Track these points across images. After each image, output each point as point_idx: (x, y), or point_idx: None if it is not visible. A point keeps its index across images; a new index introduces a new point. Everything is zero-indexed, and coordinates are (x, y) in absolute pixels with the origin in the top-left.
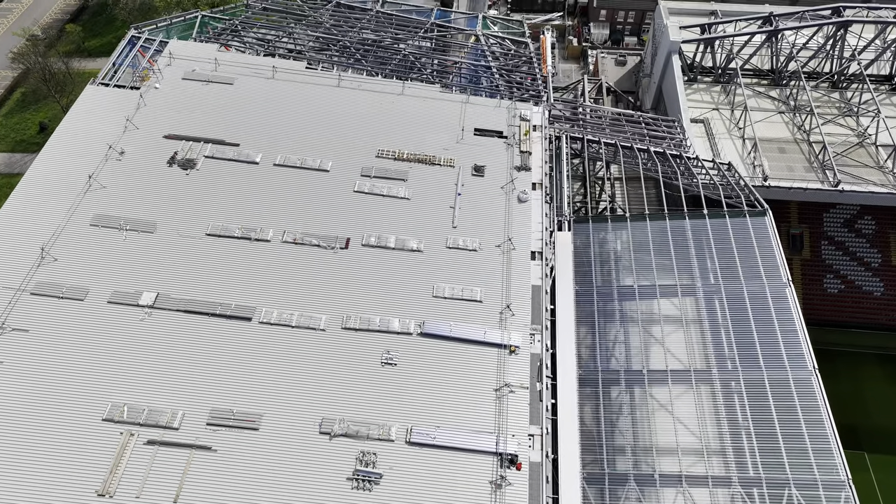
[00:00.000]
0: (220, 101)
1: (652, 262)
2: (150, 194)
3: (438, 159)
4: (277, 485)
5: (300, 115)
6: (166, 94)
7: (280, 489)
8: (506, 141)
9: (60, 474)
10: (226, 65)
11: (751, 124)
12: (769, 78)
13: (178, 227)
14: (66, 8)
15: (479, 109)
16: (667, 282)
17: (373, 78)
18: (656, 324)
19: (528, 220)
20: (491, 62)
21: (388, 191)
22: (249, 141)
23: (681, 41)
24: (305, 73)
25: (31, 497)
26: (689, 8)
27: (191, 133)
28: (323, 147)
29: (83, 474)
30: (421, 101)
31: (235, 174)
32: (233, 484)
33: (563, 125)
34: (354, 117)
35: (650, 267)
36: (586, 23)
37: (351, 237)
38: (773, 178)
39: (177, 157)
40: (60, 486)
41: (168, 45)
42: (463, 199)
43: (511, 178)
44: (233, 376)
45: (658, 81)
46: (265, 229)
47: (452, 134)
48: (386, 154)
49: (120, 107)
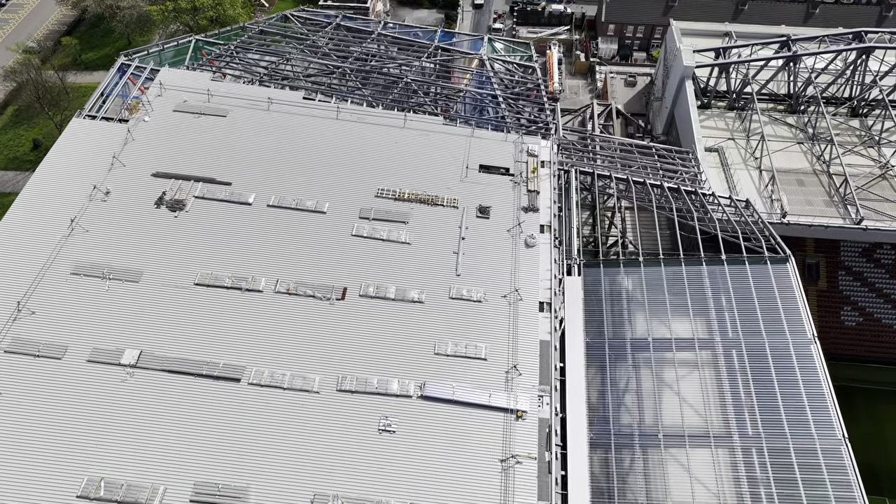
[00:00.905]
0: (213, 135)
1: (667, 311)
2: (136, 239)
3: (441, 199)
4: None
5: (296, 151)
6: (156, 128)
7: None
8: (512, 179)
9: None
10: (219, 96)
11: (768, 154)
12: (785, 103)
13: (165, 276)
14: (64, 19)
15: (485, 144)
16: (683, 334)
17: (373, 109)
18: (672, 382)
19: (535, 267)
20: (497, 89)
21: (389, 234)
22: (242, 179)
23: (695, 66)
24: (302, 105)
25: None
26: (702, 29)
27: (181, 170)
28: (320, 186)
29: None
30: (423, 134)
31: (227, 216)
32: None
33: (572, 157)
34: (353, 153)
35: (665, 317)
36: (594, 37)
37: (348, 287)
38: (793, 215)
39: (165, 197)
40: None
41: (159, 73)
42: (467, 244)
43: (518, 221)
44: (219, 445)
45: (670, 107)
46: (257, 278)
47: (456, 171)
48: (386, 194)
49: (107, 142)
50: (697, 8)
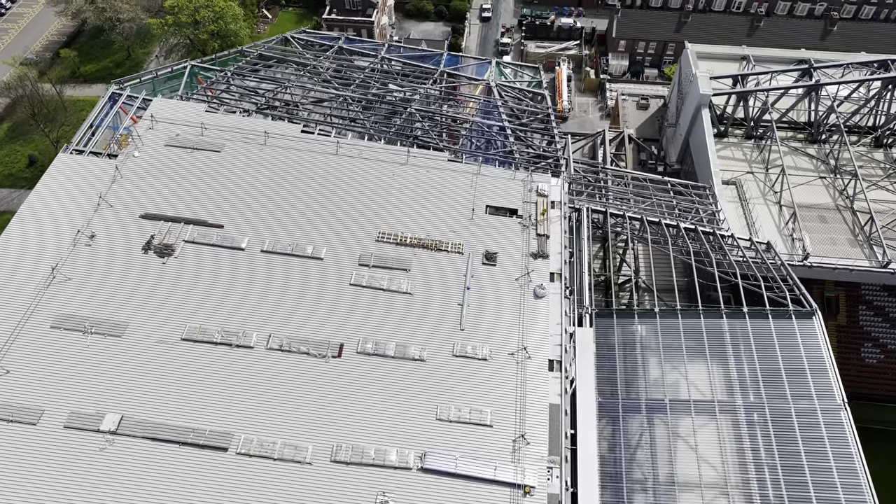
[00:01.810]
0: (206, 173)
1: (685, 369)
2: (121, 288)
3: (445, 244)
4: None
5: (293, 189)
6: (146, 164)
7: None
8: (521, 221)
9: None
10: (213, 129)
11: (788, 188)
12: (806, 132)
13: (151, 330)
14: (63, 29)
15: (492, 182)
16: (702, 395)
17: (374, 144)
18: (691, 449)
19: (545, 321)
20: (505, 119)
21: (389, 284)
22: (236, 221)
23: (711, 95)
24: (301, 139)
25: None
26: (718, 52)
27: (171, 211)
28: (317, 228)
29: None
30: (427, 171)
31: (218, 263)
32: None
33: (583, 190)
34: (354, 191)
35: (683, 375)
36: (604, 53)
37: (345, 343)
38: (815, 256)
39: (153, 241)
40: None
41: (151, 104)
42: (472, 295)
43: (527, 270)
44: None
45: (685, 134)
46: (248, 333)
47: (462, 212)
48: (387, 238)
49: (93, 180)
50: (711, 25)
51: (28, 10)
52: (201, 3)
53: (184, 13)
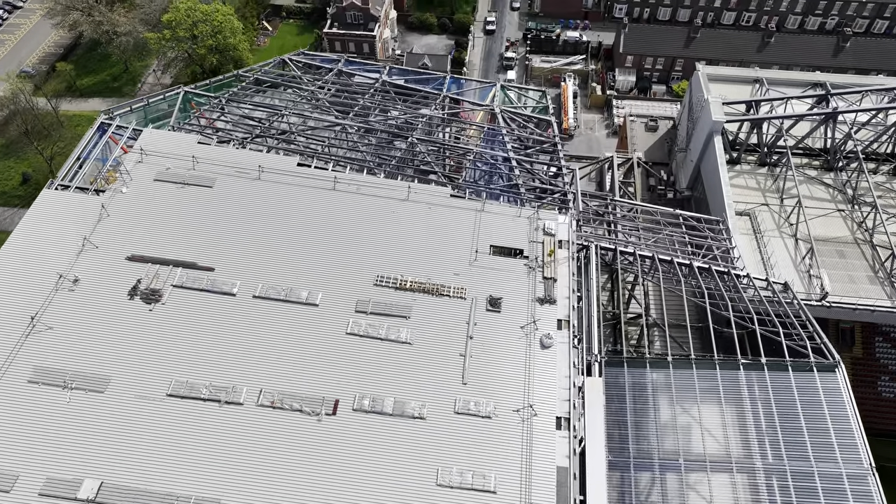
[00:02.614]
0: (197, 210)
1: (700, 425)
2: (105, 338)
3: (447, 289)
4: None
5: (288, 228)
6: (134, 201)
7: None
8: (527, 263)
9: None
10: (206, 162)
11: (804, 221)
12: (822, 159)
13: (135, 384)
14: (60, 41)
15: (496, 220)
16: (718, 454)
17: (374, 178)
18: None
19: (552, 373)
20: (510, 148)
21: (387, 332)
22: (227, 263)
23: (724, 122)
24: (297, 173)
25: None
26: (730, 75)
27: (159, 253)
28: (313, 271)
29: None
30: (428, 208)
31: (207, 310)
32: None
33: (591, 223)
34: (351, 230)
35: (698, 431)
36: (611, 68)
37: (340, 398)
38: (834, 295)
39: (140, 286)
40: None
41: (141, 135)
42: (476, 345)
43: (533, 318)
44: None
45: (696, 161)
46: (238, 388)
47: (464, 253)
48: (386, 282)
49: (79, 218)
50: (720, 40)
51: (25, 21)
52: (199, 18)
53: (182, 27)
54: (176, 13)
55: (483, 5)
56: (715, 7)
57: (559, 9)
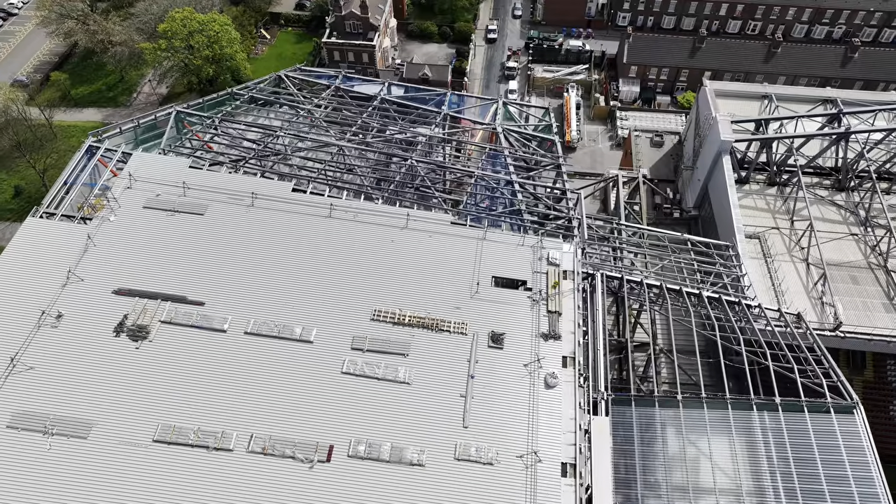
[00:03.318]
0: (187, 240)
1: (712, 469)
2: (89, 379)
3: (448, 324)
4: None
5: (282, 259)
6: (122, 230)
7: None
8: (530, 295)
9: None
10: (197, 189)
11: (817, 245)
12: (832, 177)
13: (120, 430)
14: (56, 49)
15: (499, 249)
16: (730, 499)
17: (371, 205)
18: None
19: (557, 415)
20: (512, 171)
21: (385, 372)
22: (218, 297)
23: (733, 141)
24: (291, 200)
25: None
26: (738, 91)
27: (147, 285)
28: (307, 305)
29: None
30: (428, 237)
31: (197, 348)
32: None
33: (596, 248)
34: (347, 261)
35: (709, 475)
36: (614, 78)
37: (335, 444)
38: (848, 325)
39: (126, 322)
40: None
41: (130, 159)
42: (477, 384)
43: (537, 357)
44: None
45: (704, 180)
46: (228, 433)
47: (465, 284)
48: (384, 316)
49: (64, 249)
50: (726, 50)
51: (20, 29)
52: (195, 28)
53: (178, 38)
54: (172, 23)
55: (484, 13)
56: (720, 15)
57: (562, 17)
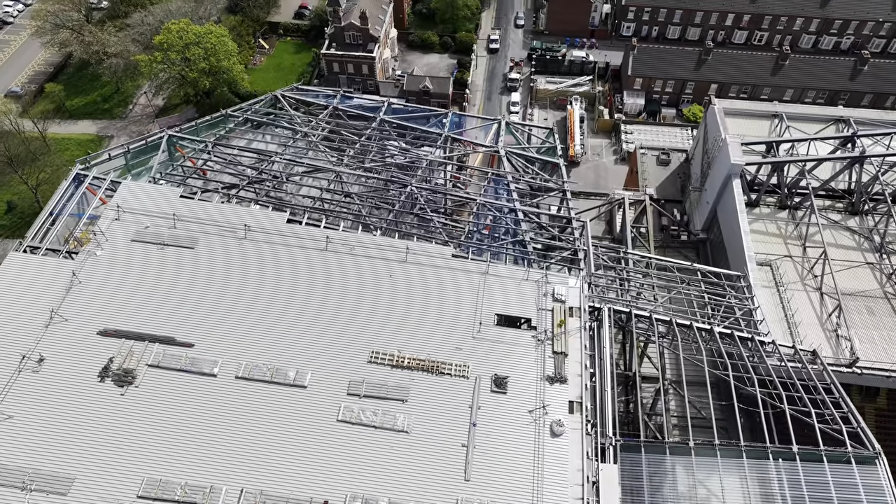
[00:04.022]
0: (176, 276)
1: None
2: (71, 429)
3: (449, 366)
4: None
5: (275, 297)
6: (109, 265)
7: None
8: (535, 335)
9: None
10: (188, 220)
11: (831, 273)
12: (845, 200)
13: (102, 485)
14: (51, 59)
15: (502, 284)
16: None
17: (369, 237)
18: None
19: (563, 466)
20: (515, 199)
21: (383, 419)
22: (208, 337)
23: (744, 164)
24: (286, 232)
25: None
26: (747, 109)
27: (134, 325)
28: (302, 346)
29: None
30: (428, 271)
31: (185, 393)
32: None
33: (602, 278)
34: (344, 297)
35: None
36: (619, 90)
37: (330, 499)
38: (865, 360)
39: (111, 366)
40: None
41: (118, 189)
42: (480, 432)
43: (543, 403)
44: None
45: (713, 202)
46: (217, 488)
47: (467, 323)
48: (382, 358)
49: (46, 286)
50: (733, 62)
51: (15, 38)
52: (191, 40)
53: (174, 50)
54: (168, 35)
55: (486, 23)
56: (726, 26)
57: (565, 27)
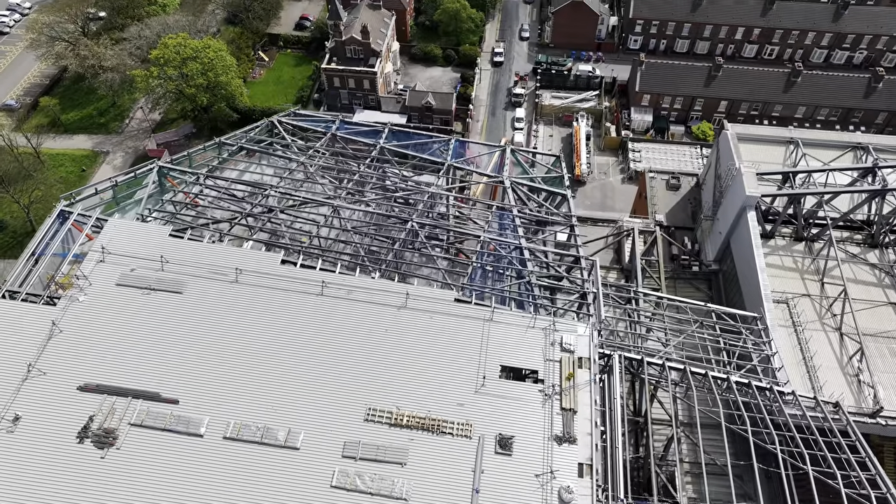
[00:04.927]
0: (163, 324)
1: None
2: (47, 495)
3: (450, 425)
4: None
5: (267, 347)
6: (91, 312)
7: None
8: (542, 389)
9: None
10: (176, 262)
11: (851, 312)
12: (864, 232)
13: None
14: (47, 71)
15: (506, 332)
16: None
17: (367, 280)
18: None
19: None
20: (521, 236)
21: (380, 485)
22: (195, 393)
23: (759, 196)
24: (279, 275)
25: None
26: (762, 135)
27: (117, 379)
28: (294, 403)
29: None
30: (429, 318)
31: (170, 455)
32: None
33: (611, 316)
34: (340, 348)
35: None
36: (626, 105)
37: None
38: (890, 409)
39: (91, 426)
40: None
41: (104, 227)
42: (483, 499)
43: (550, 467)
44: None
45: (726, 234)
46: None
47: (470, 375)
48: (379, 416)
49: (25, 337)
50: (743, 79)
51: (11, 49)
52: (189, 55)
53: (171, 65)
54: (164, 49)
55: (490, 35)
56: (736, 39)
57: (570, 39)
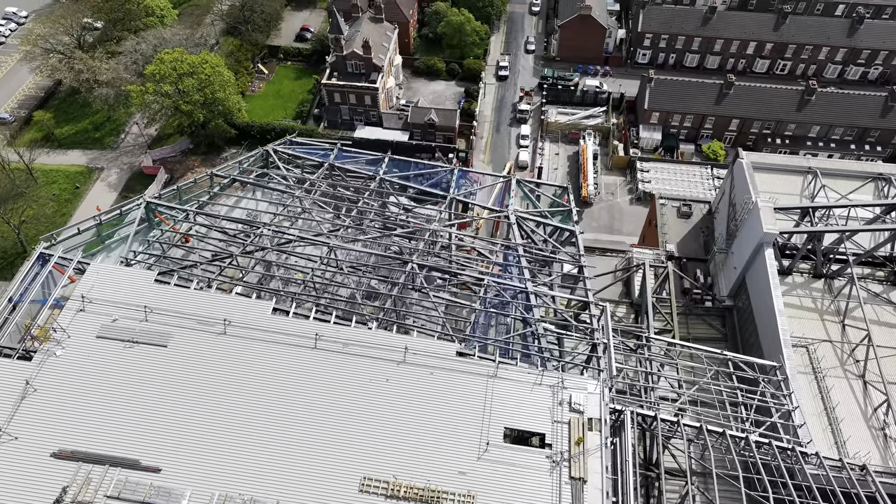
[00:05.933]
0: (145, 382)
1: None
2: None
3: (451, 497)
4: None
5: (256, 407)
6: (69, 368)
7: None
8: (549, 454)
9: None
10: (161, 312)
11: (875, 358)
12: (886, 269)
13: None
14: (41, 83)
15: (512, 390)
16: None
17: (363, 332)
18: None
19: None
20: (528, 279)
21: None
22: (178, 460)
23: (777, 233)
24: (270, 326)
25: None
26: (778, 164)
27: (94, 443)
28: (284, 472)
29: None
30: (429, 374)
31: None
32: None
33: (622, 364)
34: (334, 409)
35: None
36: (634, 122)
37: None
38: None
39: (65, 498)
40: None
41: (86, 271)
42: None
43: None
44: None
45: (741, 270)
46: None
47: (472, 439)
48: (374, 486)
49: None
50: (755, 97)
51: (6, 59)
52: (185, 70)
53: (167, 81)
54: (160, 65)
55: (495, 48)
56: (747, 54)
57: (577, 53)
